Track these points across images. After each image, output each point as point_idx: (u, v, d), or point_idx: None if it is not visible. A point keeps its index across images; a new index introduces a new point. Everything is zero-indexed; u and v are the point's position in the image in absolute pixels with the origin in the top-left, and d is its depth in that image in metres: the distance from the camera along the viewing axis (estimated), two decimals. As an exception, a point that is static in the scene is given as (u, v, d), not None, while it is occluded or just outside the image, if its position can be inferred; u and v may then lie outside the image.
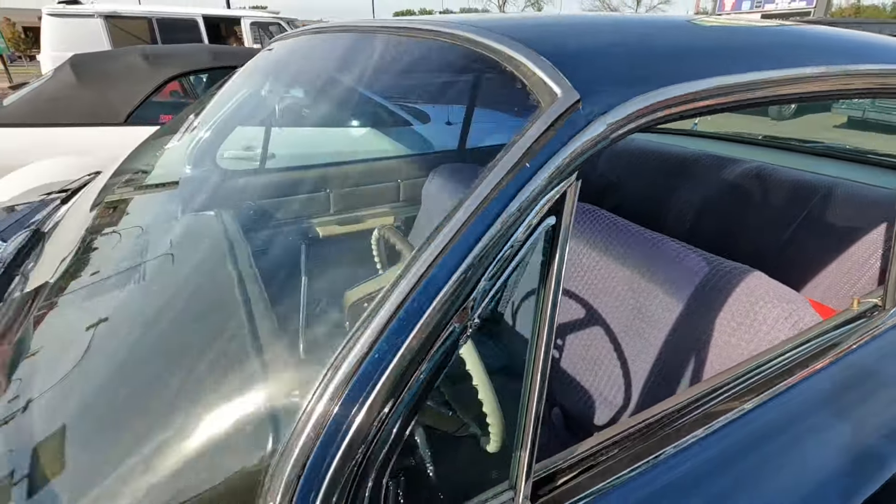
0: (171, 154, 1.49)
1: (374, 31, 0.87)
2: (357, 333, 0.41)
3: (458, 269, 0.39)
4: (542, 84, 0.42)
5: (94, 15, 6.41)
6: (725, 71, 0.47)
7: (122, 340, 0.65)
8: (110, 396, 0.58)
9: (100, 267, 0.84)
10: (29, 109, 2.41)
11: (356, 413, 0.37)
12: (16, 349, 0.66)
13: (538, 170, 0.39)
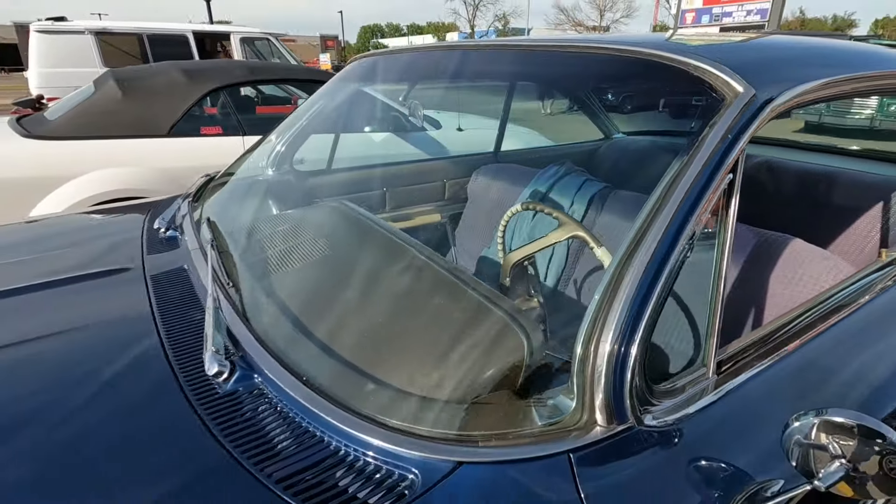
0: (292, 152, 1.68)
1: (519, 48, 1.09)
2: (619, 279, 0.59)
3: (686, 225, 0.60)
4: (728, 85, 0.63)
5: (84, 31, 6.40)
6: (834, 73, 0.70)
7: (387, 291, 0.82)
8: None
9: (297, 242, 1.00)
10: (78, 123, 2.51)
11: (632, 334, 0.56)
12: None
13: (735, 139, 0.60)
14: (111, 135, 2.53)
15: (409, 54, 1.57)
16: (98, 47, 6.48)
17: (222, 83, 2.83)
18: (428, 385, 0.65)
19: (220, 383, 0.63)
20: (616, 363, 0.56)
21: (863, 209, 1.62)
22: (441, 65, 1.42)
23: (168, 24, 7.13)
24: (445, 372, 0.67)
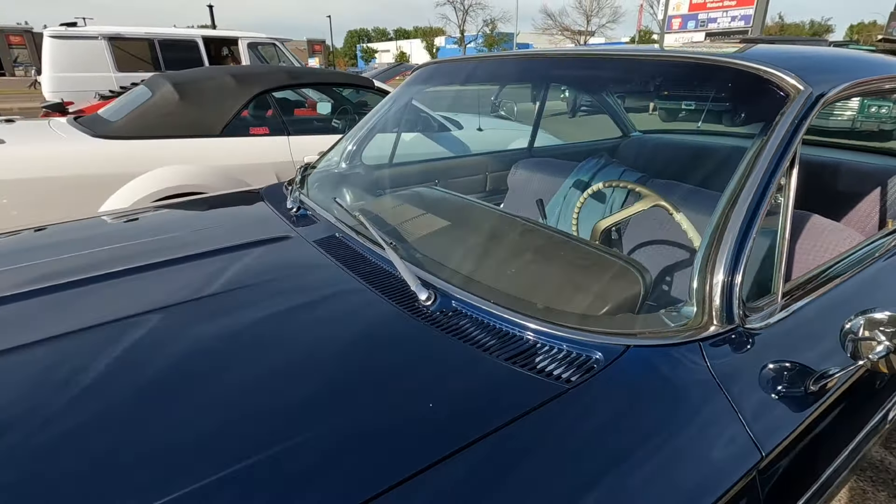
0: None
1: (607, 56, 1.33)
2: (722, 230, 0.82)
3: (769, 186, 0.82)
4: (794, 87, 0.87)
5: (98, 37, 6.51)
6: (864, 76, 0.95)
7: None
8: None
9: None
10: (141, 124, 2.68)
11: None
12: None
13: (800, 124, 0.84)
14: (170, 135, 2.71)
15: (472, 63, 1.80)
16: (111, 52, 6.60)
17: (268, 87, 3.03)
18: (586, 302, 0.88)
19: (429, 306, 0.84)
20: (725, 284, 0.79)
21: (864, 193, 1.88)
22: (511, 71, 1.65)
23: (178, 30, 7.27)
24: (596, 291, 0.89)
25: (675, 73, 1.07)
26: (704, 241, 0.83)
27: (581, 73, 1.57)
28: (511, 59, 1.67)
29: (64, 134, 2.65)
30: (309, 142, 3.11)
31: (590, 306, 0.85)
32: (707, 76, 1.02)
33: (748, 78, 0.92)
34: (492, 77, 1.80)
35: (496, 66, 1.77)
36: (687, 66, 1.04)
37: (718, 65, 0.98)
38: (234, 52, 7.92)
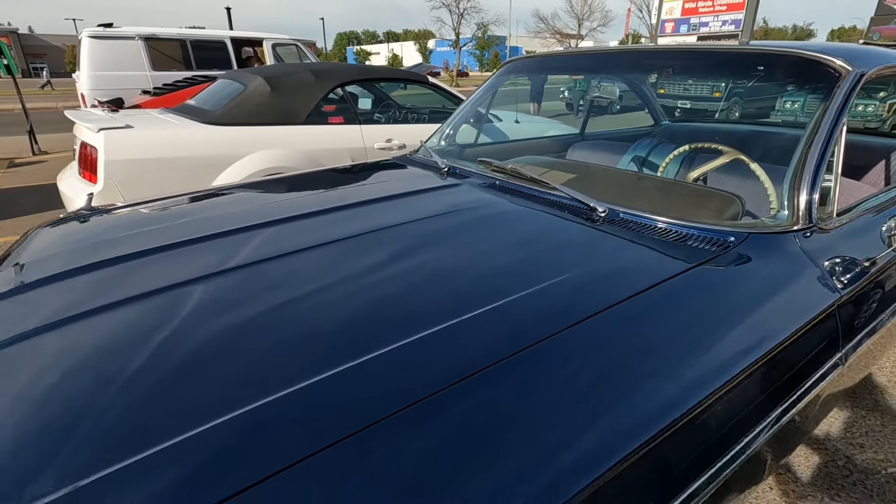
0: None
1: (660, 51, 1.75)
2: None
3: (836, 130, 1.23)
4: (845, 68, 1.28)
5: (135, 37, 6.82)
6: (890, 61, 1.38)
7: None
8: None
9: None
10: (239, 112, 3.04)
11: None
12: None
13: (850, 92, 1.25)
14: (263, 122, 3.08)
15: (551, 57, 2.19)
16: (147, 52, 6.90)
17: (341, 81, 3.40)
18: (708, 214, 1.27)
19: (604, 216, 1.24)
20: (808, 198, 1.19)
21: (871, 165, 2.31)
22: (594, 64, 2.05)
23: (209, 31, 7.60)
24: (711, 207, 1.29)
25: (743, 62, 1.49)
26: (790, 171, 1.23)
27: (655, 63, 1.98)
28: (588, 53, 2.07)
29: (175, 121, 3.01)
30: (376, 130, 3.48)
31: (711, 216, 1.25)
32: (774, 63, 1.43)
33: (811, 63, 1.33)
34: (570, 69, 2.21)
35: (576, 60, 2.18)
36: (756, 56, 1.46)
37: (783, 54, 1.39)
38: (258, 52, 8.25)
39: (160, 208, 1.55)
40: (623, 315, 0.87)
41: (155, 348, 0.79)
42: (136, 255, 1.14)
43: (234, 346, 0.79)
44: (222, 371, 0.73)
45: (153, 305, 0.93)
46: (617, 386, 0.73)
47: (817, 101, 1.30)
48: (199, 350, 0.79)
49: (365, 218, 1.32)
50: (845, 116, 1.26)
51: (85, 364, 0.77)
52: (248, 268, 1.05)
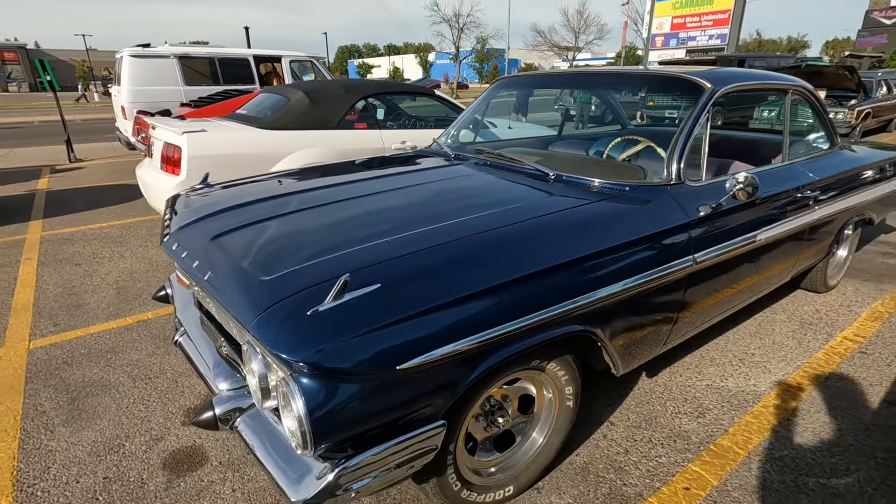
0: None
1: (582, 74, 2.52)
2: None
3: (695, 126, 1.97)
4: (706, 86, 2.00)
5: (170, 56, 7.63)
6: (744, 81, 2.12)
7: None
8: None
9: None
10: (285, 119, 3.80)
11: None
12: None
13: (707, 102, 1.98)
14: (304, 127, 3.84)
15: (534, 77, 2.95)
16: (180, 69, 7.71)
17: (365, 94, 4.17)
18: (620, 176, 2.01)
19: (553, 179, 1.98)
20: (677, 167, 1.93)
21: (772, 156, 3.06)
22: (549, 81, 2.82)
23: (234, 49, 8.42)
24: (621, 173, 2.03)
25: (641, 82, 2.25)
26: (669, 151, 1.98)
27: (595, 83, 2.75)
28: (560, 74, 2.83)
29: (236, 126, 3.77)
30: (393, 134, 4.24)
31: (621, 178, 1.99)
32: (669, 82, 2.19)
33: (687, 82, 2.09)
34: (548, 85, 2.97)
35: (550, 79, 2.94)
36: (656, 77, 2.21)
37: (673, 75, 2.14)
38: (277, 68, 9.07)
39: (256, 181, 2.30)
40: (554, 218, 1.61)
41: (310, 225, 1.53)
42: (272, 197, 1.88)
43: (346, 225, 1.53)
44: (341, 233, 1.47)
45: (303, 214, 1.68)
46: (536, 242, 1.46)
47: (689, 107, 2.04)
48: (332, 226, 1.53)
49: (406, 179, 2.08)
50: (705, 117, 2.01)
51: (284, 229, 1.52)
52: (344, 202, 1.81)
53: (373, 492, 1.23)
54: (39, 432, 2.02)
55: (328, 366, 1.04)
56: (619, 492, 1.71)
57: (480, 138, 3.51)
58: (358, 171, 2.33)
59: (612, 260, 1.56)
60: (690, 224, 1.82)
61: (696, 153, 2.00)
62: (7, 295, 3.33)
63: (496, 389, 1.54)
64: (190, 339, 1.74)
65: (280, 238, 1.49)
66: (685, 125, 1.98)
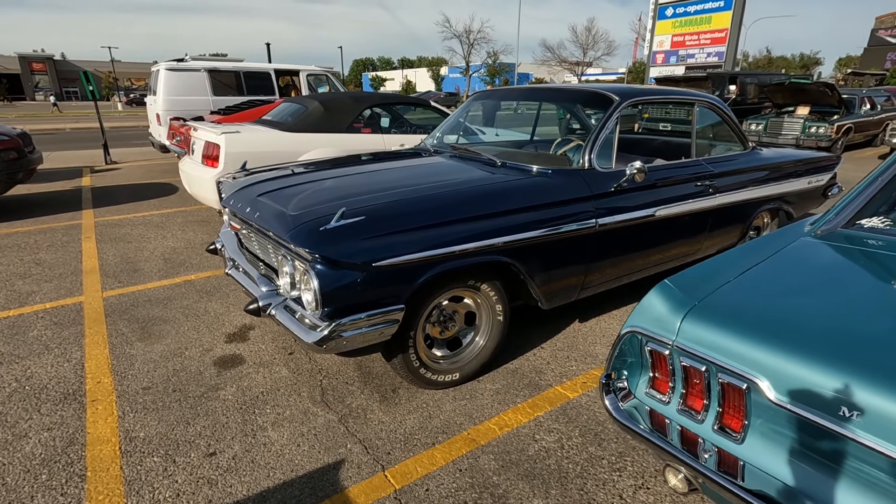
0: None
1: (530, 91, 3.25)
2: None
3: (605, 127, 2.69)
4: (614, 98, 2.72)
5: (200, 70, 8.54)
6: (645, 95, 2.84)
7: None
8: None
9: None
10: (305, 123, 4.59)
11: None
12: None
13: (616, 109, 2.70)
14: (320, 130, 4.62)
15: (504, 91, 3.70)
16: (209, 81, 8.61)
17: (370, 104, 4.96)
18: (555, 164, 2.73)
19: (500, 165, 2.71)
20: (590, 157, 2.65)
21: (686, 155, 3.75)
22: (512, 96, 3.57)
23: (258, 64, 9.33)
24: (554, 161, 2.75)
25: (571, 96, 2.98)
26: (587, 146, 2.70)
27: (543, 97, 3.50)
28: (518, 90, 3.58)
29: (263, 129, 4.57)
30: (393, 138, 5.01)
31: (551, 164, 2.71)
32: (587, 96, 2.92)
33: (600, 95, 2.82)
34: (511, 98, 3.72)
35: (512, 93, 3.69)
36: (576, 92, 2.95)
37: (590, 90, 2.87)
38: (295, 81, 9.96)
39: (281, 167, 3.06)
40: (493, 185, 2.34)
41: (321, 187, 2.28)
42: (294, 174, 2.63)
43: (344, 187, 2.27)
44: (340, 191, 2.21)
45: (317, 182, 2.42)
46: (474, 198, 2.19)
47: (601, 114, 2.76)
48: (336, 188, 2.27)
49: (392, 163, 2.83)
50: (614, 121, 2.72)
51: (303, 189, 2.26)
52: (346, 176, 2.56)
53: (353, 347, 1.94)
54: (123, 345, 2.77)
55: (332, 258, 1.78)
56: (535, 383, 2.41)
57: (466, 141, 4.27)
58: (359, 160, 3.08)
59: (528, 216, 2.28)
60: (595, 196, 2.53)
61: (606, 148, 2.72)
62: (77, 262, 4.12)
63: (446, 302, 2.26)
64: (236, 268, 2.49)
65: (301, 194, 2.23)
66: (598, 127, 2.71)
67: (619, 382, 1.46)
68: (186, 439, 2.00)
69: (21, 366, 2.54)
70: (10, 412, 2.17)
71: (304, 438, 2.01)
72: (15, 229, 5.09)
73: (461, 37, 44.17)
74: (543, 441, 2.00)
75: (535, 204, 2.32)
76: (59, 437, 2.01)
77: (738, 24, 17.86)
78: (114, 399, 2.27)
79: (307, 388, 2.35)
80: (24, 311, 3.20)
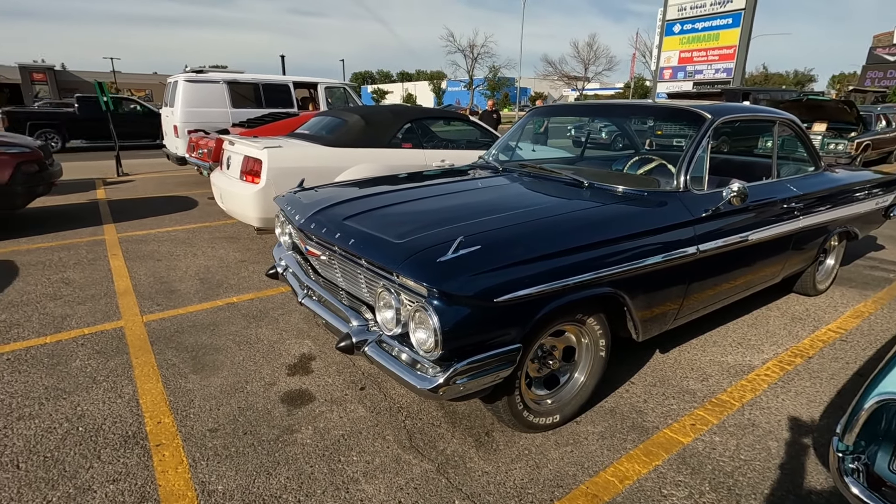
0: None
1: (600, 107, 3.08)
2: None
3: (699, 147, 2.52)
4: (707, 116, 2.56)
5: (219, 81, 8.38)
6: (739, 113, 2.67)
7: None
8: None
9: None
10: (346, 139, 4.41)
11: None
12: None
13: (709, 128, 2.53)
14: (362, 145, 4.45)
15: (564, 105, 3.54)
16: (228, 93, 8.45)
17: (411, 118, 4.79)
18: (639, 185, 2.56)
19: (586, 186, 2.52)
20: (685, 179, 2.47)
21: (765, 175, 3.59)
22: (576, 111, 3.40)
23: (275, 77, 9.19)
24: (639, 181, 2.57)
25: (656, 114, 2.81)
26: (678, 166, 2.52)
27: (615, 114, 3.33)
28: (584, 105, 3.42)
29: (303, 144, 4.38)
30: (434, 153, 4.84)
31: (639, 186, 2.53)
32: (677, 113, 2.75)
33: (692, 113, 2.65)
34: (573, 114, 3.55)
35: (575, 109, 3.53)
36: (668, 109, 2.78)
37: (682, 107, 2.71)
38: (313, 94, 9.82)
39: (346, 185, 2.87)
40: (593, 210, 2.17)
41: (414, 209, 2.09)
42: (374, 194, 2.44)
43: (444, 210, 2.08)
44: (441, 215, 2.01)
45: (407, 203, 2.24)
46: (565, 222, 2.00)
47: (694, 133, 2.60)
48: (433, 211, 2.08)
49: (472, 183, 2.65)
50: (707, 140, 2.56)
51: (397, 212, 2.07)
52: (433, 197, 2.38)
53: (469, 392, 1.74)
54: (176, 378, 2.55)
55: (452, 293, 1.58)
56: (640, 425, 2.20)
57: (512, 158, 4.10)
58: (430, 177, 2.89)
59: (635, 243, 2.10)
60: (694, 221, 2.35)
61: (699, 169, 2.54)
62: (108, 282, 3.90)
63: (547, 338, 2.06)
64: (311, 297, 2.28)
65: (395, 219, 2.04)
66: (691, 146, 2.54)
67: (853, 457, 1.25)
68: (272, 494, 1.78)
69: (70, 402, 2.31)
70: (68, 459, 1.94)
71: (405, 493, 1.79)
72: (36, 245, 4.86)
73: (465, 51, 44.49)
74: (674, 498, 1.79)
75: (643, 230, 2.14)
76: (127, 492, 1.78)
77: (746, 41, 17.96)
78: (179, 443, 2.04)
79: (391, 431, 2.14)
80: (62, 337, 2.97)
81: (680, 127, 3.87)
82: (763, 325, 3.26)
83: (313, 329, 3.10)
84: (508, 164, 3.21)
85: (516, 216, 2.03)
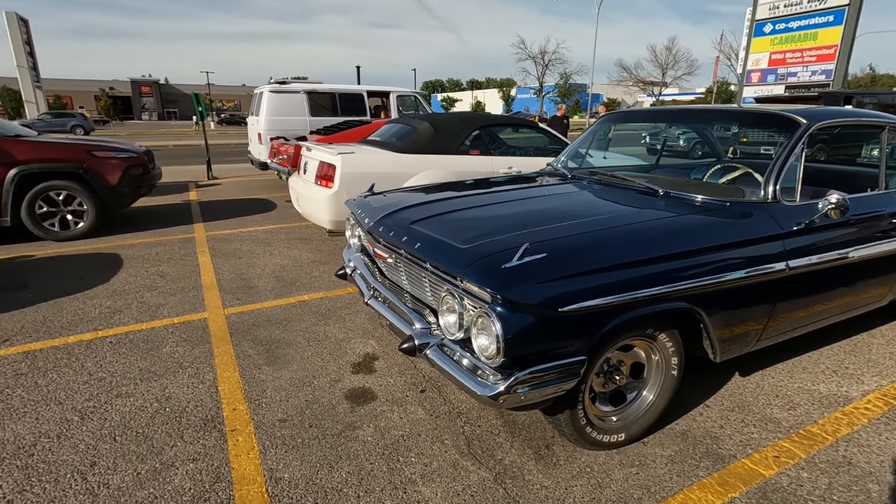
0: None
1: (682, 112, 2.92)
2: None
3: (790, 156, 2.32)
4: (802, 122, 2.35)
5: (300, 92, 8.90)
6: (838, 118, 2.43)
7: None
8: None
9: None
10: (415, 145, 4.52)
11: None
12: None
13: (803, 134, 2.31)
14: (431, 151, 4.53)
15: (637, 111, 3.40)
16: (308, 102, 8.94)
17: (478, 125, 4.81)
18: (719, 193, 2.39)
19: (661, 195, 2.40)
20: (773, 188, 2.28)
21: (870, 186, 3.23)
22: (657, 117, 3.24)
23: (351, 86, 9.61)
24: (720, 191, 2.41)
25: (746, 118, 2.61)
26: (766, 175, 2.33)
27: (695, 119, 3.14)
28: (659, 111, 3.26)
29: (375, 150, 4.54)
30: (502, 160, 4.83)
31: (722, 196, 2.37)
32: (766, 118, 2.55)
33: (784, 118, 2.44)
34: (647, 120, 3.40)
35: (647, 114, 3.37)
36: (754, 113, 2.58)
37: (772, 112, 2.50)
38: (385, 102, 10.16)
39: (414, 190, 2.93)
40: (670, 220, 2.06)
41: (481, 215, 2.09)
42: (442, 200, 2.48)
43: (511, 216, 2.06)
44: (508, 221, 2.00)
45: (474, 209, 2.26)
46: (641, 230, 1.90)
47: (786, 139, 2.39)
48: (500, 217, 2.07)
49: (542, 189, 2.62)
50: (800, 147, 2.35)
51: (464, 217, 2.09)
52: (502, 203, 2.37)
53: (530, 402, 1.70)
54: (251, 368, 2.71)
55: (515, 300, 1.56)
56: (715, 452, 2.05)
57: (581, 165, 3.99)
58: (497, 184, 2.89)
59: (715, 256, 1.96)
60: (784, 235, 2.16)
61: (791, 179, 2.34)
62: (196, 276, 4.24)
63: (614, 353, 1.97)
64: (377, 299, 2.35)
65: (462, 224, 2.05)
66: (782, 154, 2.34)
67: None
68: (333, 487, 1.84)
69: (159, 384, 2.53)
70: (156, 436, 2.12)
71: (462, 499, 1.78)
72: (138, 240, 5.39)
73: (535, 58, 44.12)
74: (752, 534, 1.64)
75: (724, 243, 2.00)
76: (205, 471, 1.91)
77: (850, 39, 16.28)
78: (252, 430, 2.17)
79: (450, 436, 2.14)
80: (155, 324, 3.26)
81: (769, 133, 3.59)
82: (864, 353, 2.93)
83: (377, 329, 3.19)
84: (577, 172, 3.13)
85: (584, 224, 1.97)
